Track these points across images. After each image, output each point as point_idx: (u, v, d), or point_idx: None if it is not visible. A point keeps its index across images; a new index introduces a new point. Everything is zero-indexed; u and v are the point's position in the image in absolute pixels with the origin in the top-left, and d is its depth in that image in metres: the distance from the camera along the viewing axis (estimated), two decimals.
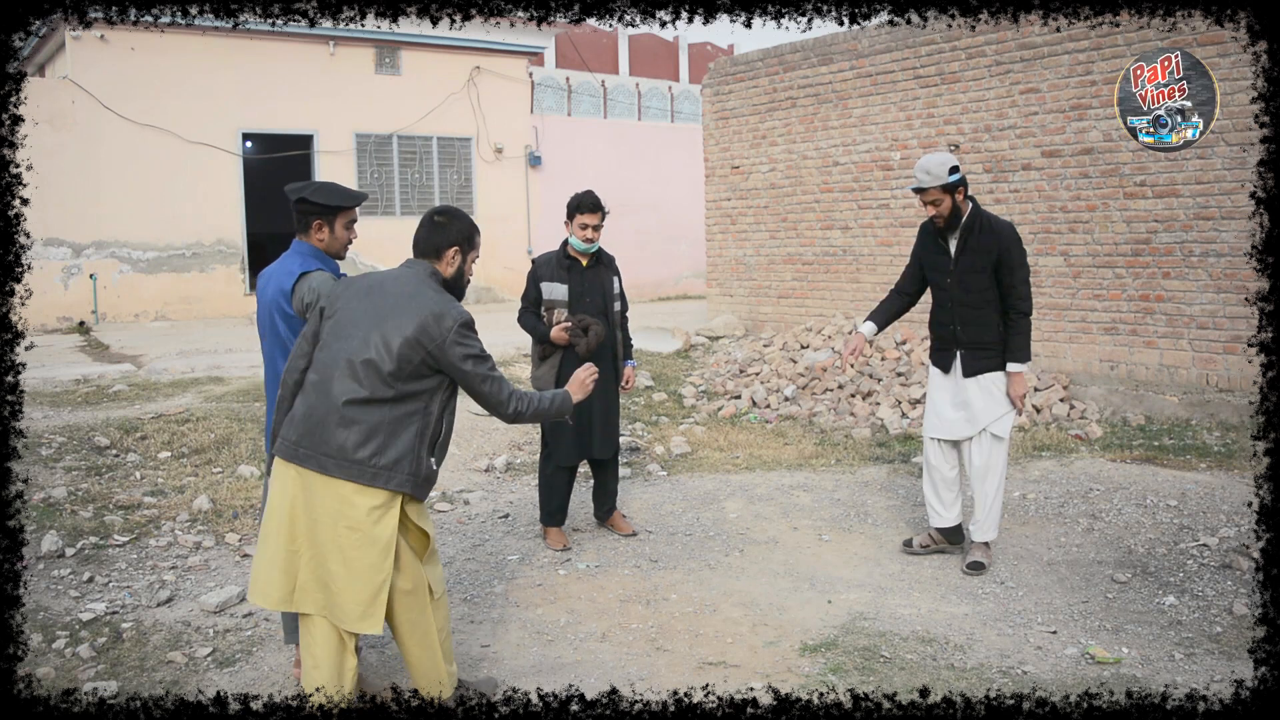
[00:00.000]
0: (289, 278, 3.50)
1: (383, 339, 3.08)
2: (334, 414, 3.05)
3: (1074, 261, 8.22)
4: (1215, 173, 7.31)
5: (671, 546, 5.30)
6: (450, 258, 3.28)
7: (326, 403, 3.07)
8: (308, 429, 3.07)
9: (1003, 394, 4.86)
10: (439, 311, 3.10)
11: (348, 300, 3.20)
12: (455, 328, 3.10)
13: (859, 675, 3.72)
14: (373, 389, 3.06)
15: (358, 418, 3.05)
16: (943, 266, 4.91)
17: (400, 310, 3.11)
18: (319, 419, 3.07)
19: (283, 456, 3.11)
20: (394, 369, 3.07)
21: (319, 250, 3.57)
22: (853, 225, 10.05)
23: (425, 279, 3.21)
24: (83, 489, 5.69)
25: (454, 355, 3.10)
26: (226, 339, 11.23)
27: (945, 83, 9.05)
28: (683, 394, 9.00)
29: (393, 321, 3.09)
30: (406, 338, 3.06)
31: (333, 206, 3.54)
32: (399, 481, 3.08)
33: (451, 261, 3.29)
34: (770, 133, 10.88)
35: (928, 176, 4.73)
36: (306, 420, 3.09)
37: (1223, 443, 6.68)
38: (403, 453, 3.09)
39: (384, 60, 15.22)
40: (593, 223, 5.15)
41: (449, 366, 3.12)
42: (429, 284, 3.20)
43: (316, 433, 3.06)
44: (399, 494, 3.11)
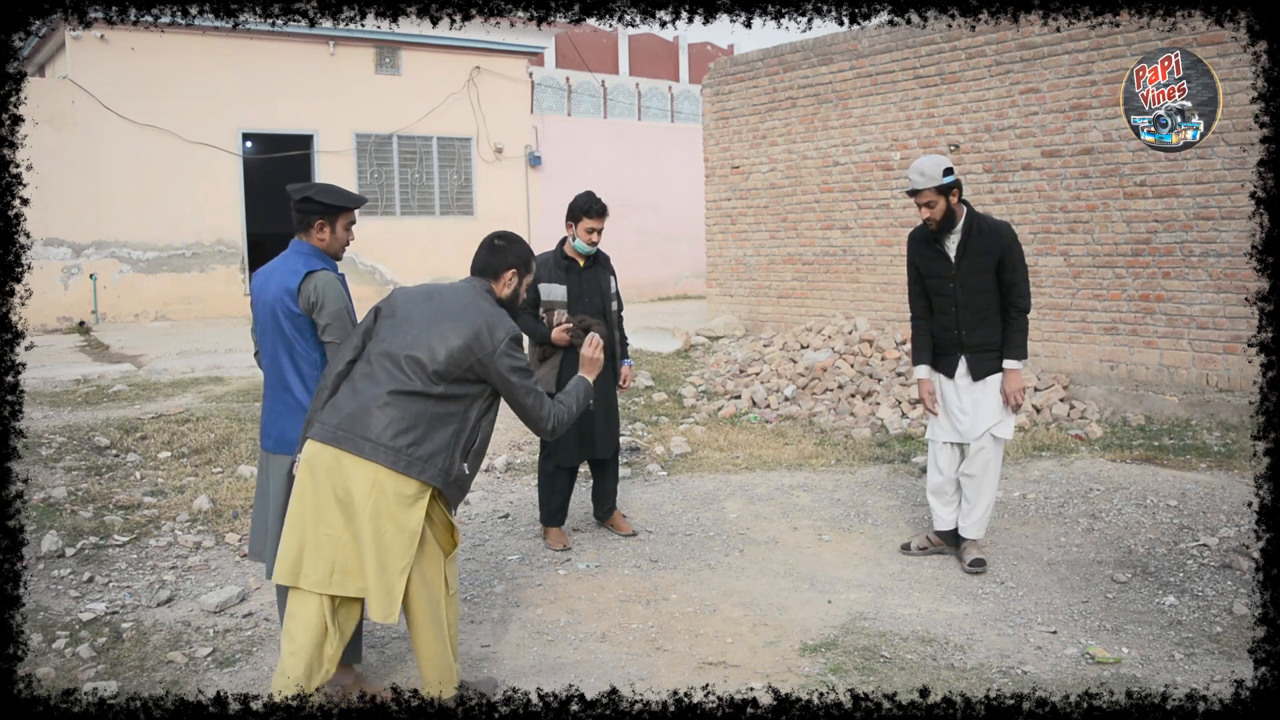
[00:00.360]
0: (294, 276, 3.52)
1: (436, 340, 3.24)
2: (378, 401, 3.18)
3: (1074, 261, 8.21)
4: (1215, 173, 7.31)
5: (671, 546, 5.30)
6: (508, 279, 3.50)
7: (373, 390, 3.20)
8: (350, 414, 3.19)
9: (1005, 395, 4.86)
10: (492, 323, 3.29)
11: (407, 302, 3.38)
12: (506, 340, 3.27)
13: (859, 675, 3.72)
14: (419, 383, 3.20)
15: (401, 407, 3.18)
16: (944, 272, 4.87)
17: (456, 317, 3.28)
18: (363, 405, 3.19)
19: (320, 439, 3.21)
20: (441, 370, 3.21)
21: (319, 250, 3.61)
22: (853, 225, 10.05)
23: (482, 294, 3.43)
24: (83, 489, 5.69)
25: (502, 366, 3.26)
26: (226, 339, 11.23)
27: (945, 83, 9.05)
28: (683, 394, 9.00)
29: (447, 325, 3.26)
30: (459, 343, 3.24)
31: (336, 206, 3.60)
32: (431, 475, 3.19)
33: (509, 283, 3.51)
34: (770, 133, 10.88)
35: (922, 178, 4.72)
36: (350, 406, 3.21)
37: (1223, 443, 6.68)
38: (438, 448, 3.21)
39: (384, 60, 15.22)
40: (599, 227, 5.18)
41: (495, 376, 3.28)
42: (486, 299, 3.41)
43: (359, 418, 3.17)
44: (429, 488, 3.21)
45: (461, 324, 3.26)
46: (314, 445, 3.22)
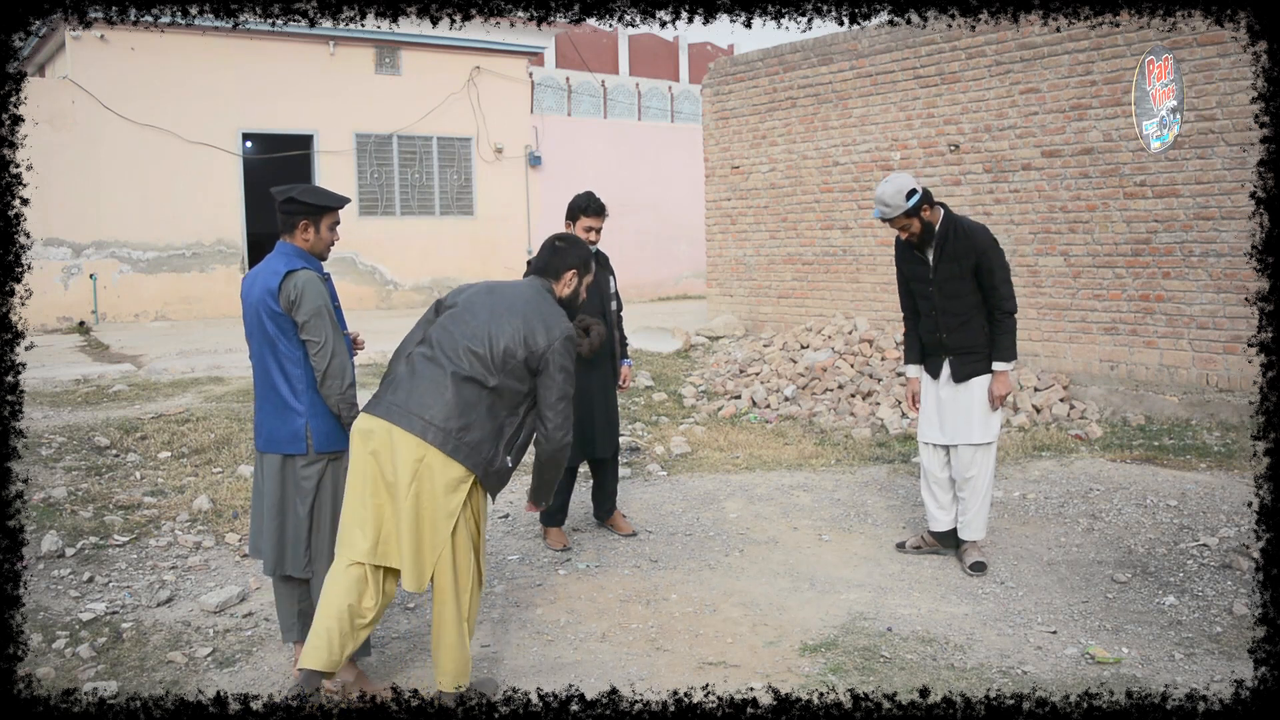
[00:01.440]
0: (275, 277, 3.58)
1: (496, 332, 3.36)
2: (437, 384, 3.31)
3: (1074, 261, 8.22)
4: (1215, 173, 7.31)
5: (671, 546, 5.30)
6: (568, 279, 3.66)
7: (432, 372, 3.34)
8: (409, 392, 3.32)
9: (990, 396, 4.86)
10: (549, 322, 3.43)
11: (470, 294, 3.52)
12: (562, 338, 3.41)
13: (859, 675, 3.72)
14: (477, 372, 3.33)
15: (456, 392, 3.30)
16: (923, 276, 4.93)
17: (517, 312, 3.42)
18: (420, 386, 3.32)
19: (377, 414, 3.32)
20: (499, 362, 3.34)
21: (303, 250, 3.68)
22: (853, 225, 10.05)
23: (543, 293, 3.57)
24: (83, 489, 5.69)
25: (554, 362, 3.38)
26: (226, 339, 11.22)
27: (945, 83, 9.05)
28: (683, 394, 9.00)
29: (506, 320, 3.39)
30: (517, 338, 3.36)
31: (320, 207, 3.67)
32: (475, 463, 3.31)
33: (569, 283, 3.66)
34: (770, 133, 10.88)
35: (888, 208, 4.74)
36: (408, 384, 3.34)
37: (1223, 443, 6.68)
38: (485, 437, 3.33)
39: (384, 60, 15.22)
40: (598, 225, 5.22)
41: (544, 372, 3.38)
42: (546, 298, 3.56)
43: (416, 396, 3.30)
44: (472, 475, 3.32)
45: (521, 320, 3.39)
46: (368, 419, 3.33)
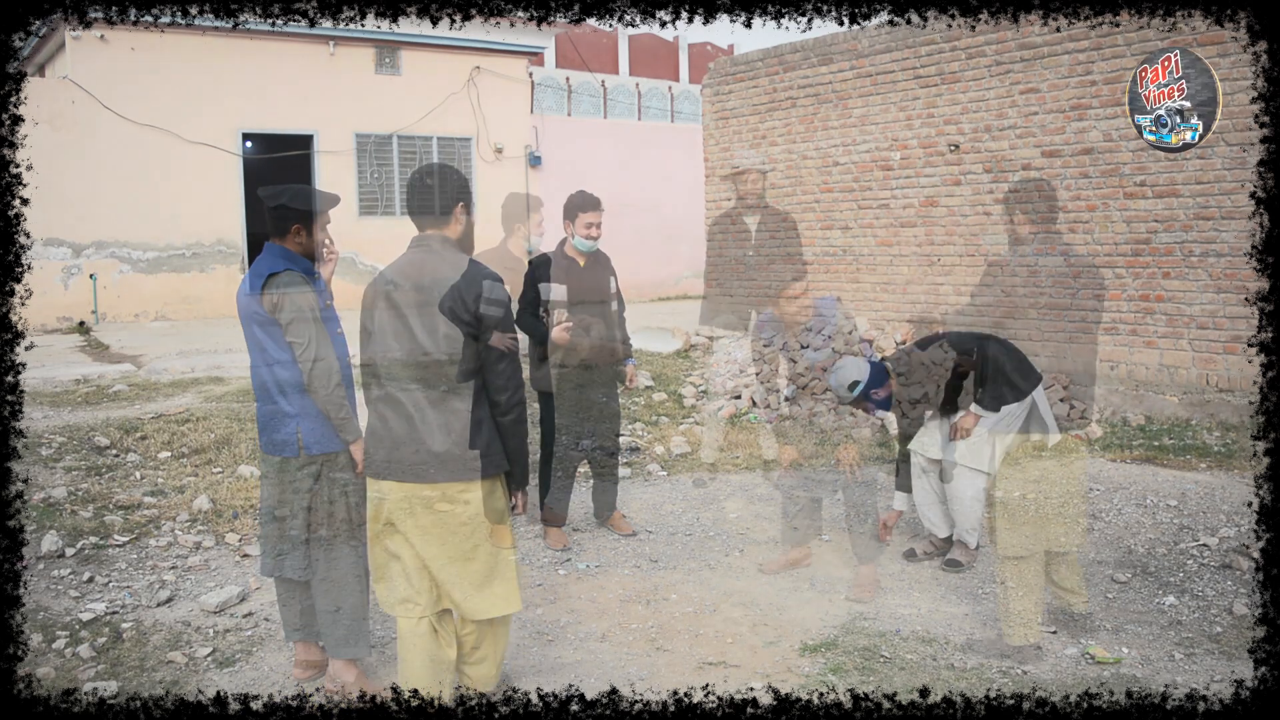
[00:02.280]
0: (259, 280, 3.60)
1: (423, 335, 3.15)
2: (408, 420, 3.26)
3: (1074, 261, 8.21)
4: (1215, 173, 7.31)
5: (671, 546, 5.29)
6: (457, 215, 3.27)
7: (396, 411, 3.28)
8: (391, 446, 3.28)
9: (981, 433, 4.76)
10: (464, 293, 3.11)
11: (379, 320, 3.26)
12: (483, 299, 3.13)
13: (859, 675, 3.72)
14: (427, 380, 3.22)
15: (421, 415, 3.24)
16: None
17: (428, 303, 3.13)
18: (398, 431, 3.27)
19: (380, 476, 3.33)
20: (445, 354, 3.16)
21: (292, 253, 3.68)
22: (853, 225, 10.04)
23: (437, 252, 3.21)
24: (83, 489, 5.69)
25: (486, 310, 3.12)
26: (226, 339, 11.21)
27: (945, 83, 9.05)
28: (683, 394, 9.00)
29: (425, 315, 3.14)
30: (445, 326, 3.12)
31: (314, 211, 3.65)
32: (474, 466, 3.28)
33: (459, 219, 3.27)
34: (770, 133, 10.88)
35: (840, 401, 4.96)
36: (388, 436, 3.30)
37: (1223, 443, 6.68)
38: (462, 430, 3.24)
39: (384, 60, 15.21)
40: (597, 220, 5.20)
41: (482, 337, 3.14)
42: (443, 256, 3.20)
43: (400, 449, 3.27)
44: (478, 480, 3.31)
45: (439, 306, 3.12)
46: (374, 484, 3.29)
